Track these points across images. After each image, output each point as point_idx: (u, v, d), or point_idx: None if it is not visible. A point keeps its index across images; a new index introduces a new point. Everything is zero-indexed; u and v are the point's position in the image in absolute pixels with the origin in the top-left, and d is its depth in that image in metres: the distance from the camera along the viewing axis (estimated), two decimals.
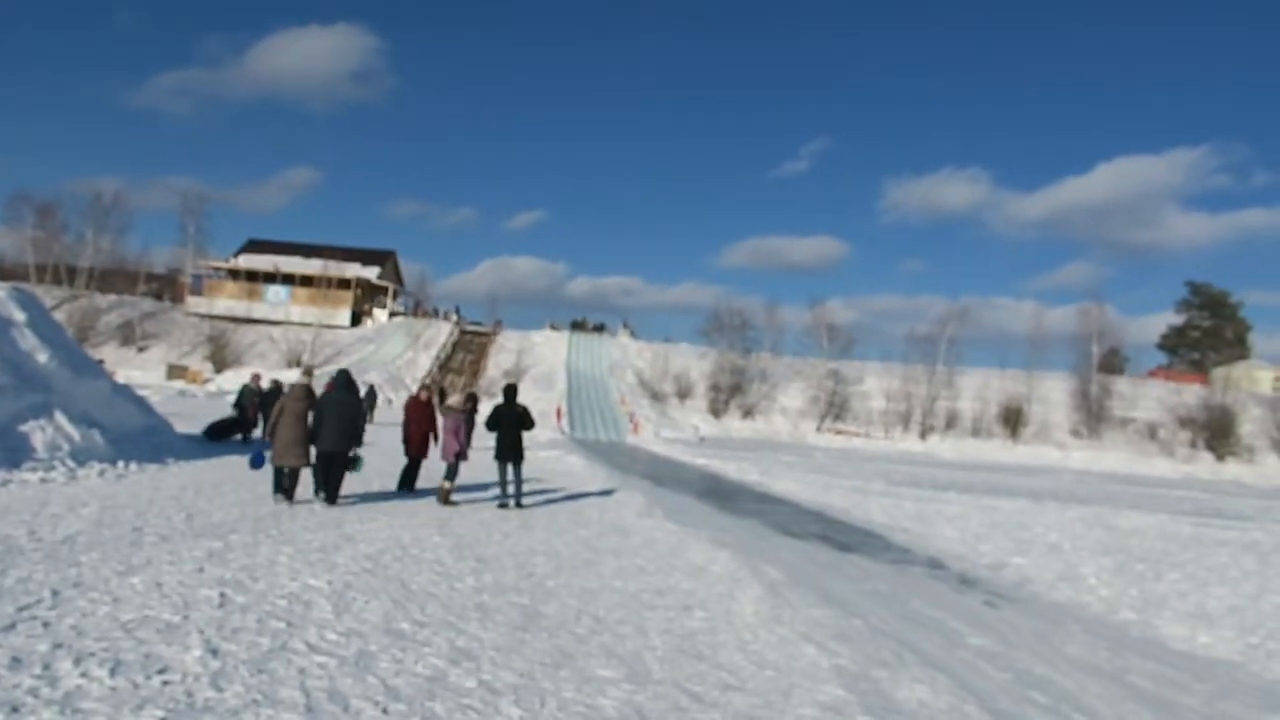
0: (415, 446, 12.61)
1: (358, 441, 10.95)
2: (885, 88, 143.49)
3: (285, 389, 11.96)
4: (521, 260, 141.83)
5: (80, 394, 13.16)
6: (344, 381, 11.17)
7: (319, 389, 11.34)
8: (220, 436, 17.78)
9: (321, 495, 10.72)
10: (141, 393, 18.96)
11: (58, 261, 55.72)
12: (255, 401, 18.58)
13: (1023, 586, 9.92)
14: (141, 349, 52.29)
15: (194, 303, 56.95)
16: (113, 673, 4.25)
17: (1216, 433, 48.27)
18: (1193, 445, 48.54)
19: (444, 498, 11.73)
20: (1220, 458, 47.54)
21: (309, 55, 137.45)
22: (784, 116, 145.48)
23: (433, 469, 12.68)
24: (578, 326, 61.02)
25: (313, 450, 10.66)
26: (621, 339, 60.38)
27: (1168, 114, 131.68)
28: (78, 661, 4.36)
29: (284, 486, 10.52)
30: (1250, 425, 48.29)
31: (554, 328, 61.88)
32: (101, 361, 22.81)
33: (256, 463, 11.46)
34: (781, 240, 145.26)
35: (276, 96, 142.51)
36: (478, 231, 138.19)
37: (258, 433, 17.40)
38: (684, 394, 52.23)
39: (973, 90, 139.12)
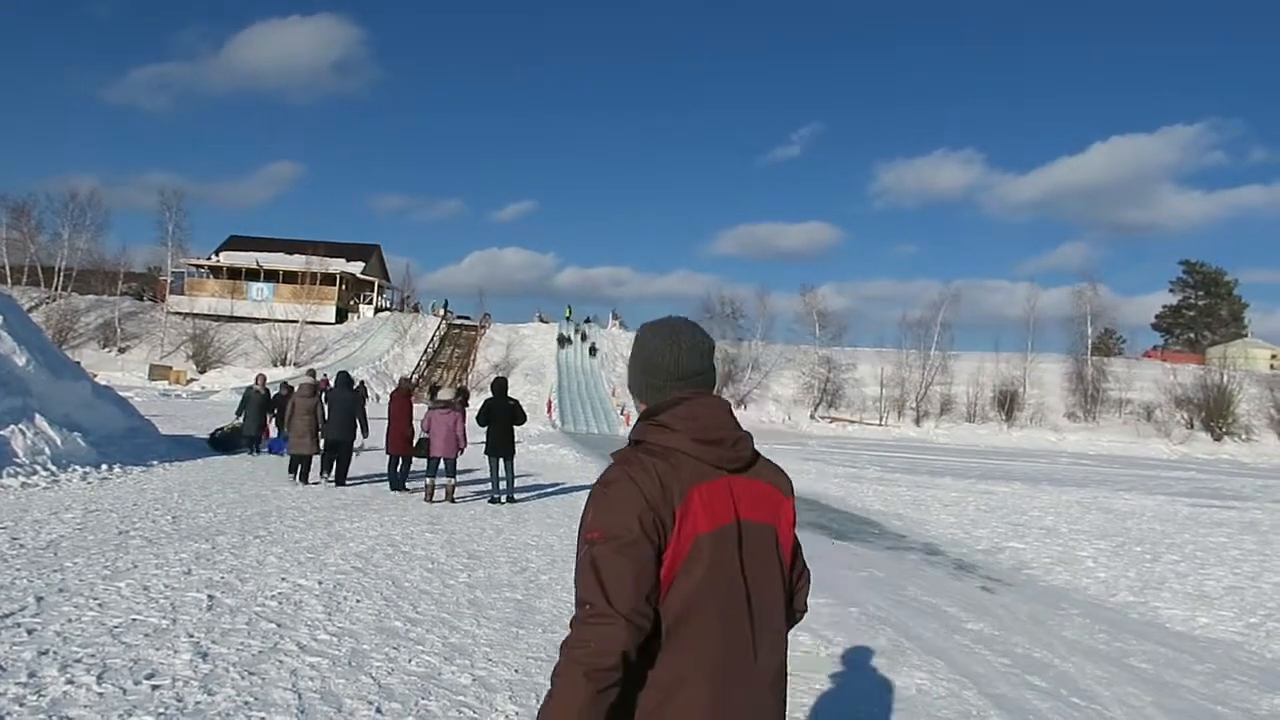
0: (399, 445, 12.37)
1: (364, 431, 13.13)
2: (878, 70, 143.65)
3: (297, 388, 13.69)
4: (510, 252, 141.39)
5: (60, 397, 13.00)
6: (344, 380, 13.28)
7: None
8: (226, 447, 16.01)
9: (329, 477, 12.62)
10: (123, 394, 18.75)
11: (33, 262, 55.07)
12: (271, 414, 16.37)
13: (1020, 570, 9.91)
14: (122, 350, 51.78)
15: (175, 301, 56.25)
16: (100, 679, 4.16)
17: (1213, 412, 48.21)
18: (1189, 425, 48.58)
19: (449, 494, 11.66)
20: (1217, 437, 47.57)
21: (290, 47, 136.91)
22: (775, 102, 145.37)
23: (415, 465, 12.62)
24: (564, 342, 54.64)
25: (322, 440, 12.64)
26: (612, 330, 60.15)
27: (1164, 91, 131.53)
28: (64, 668, 4.26)
29: (298, 470, 12.45)
30: (1247, 404, 48.19)
31: (542, 319, 61.68)
32: (77, 363, 22.29)
33: (275, 448, 14.06)
34: (773, 227, 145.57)
35: (257, 90, 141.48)
36: (465, 224, 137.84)
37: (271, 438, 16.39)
38: None
39: (966, 71, 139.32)
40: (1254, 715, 5.28)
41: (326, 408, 12.81)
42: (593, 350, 53.31)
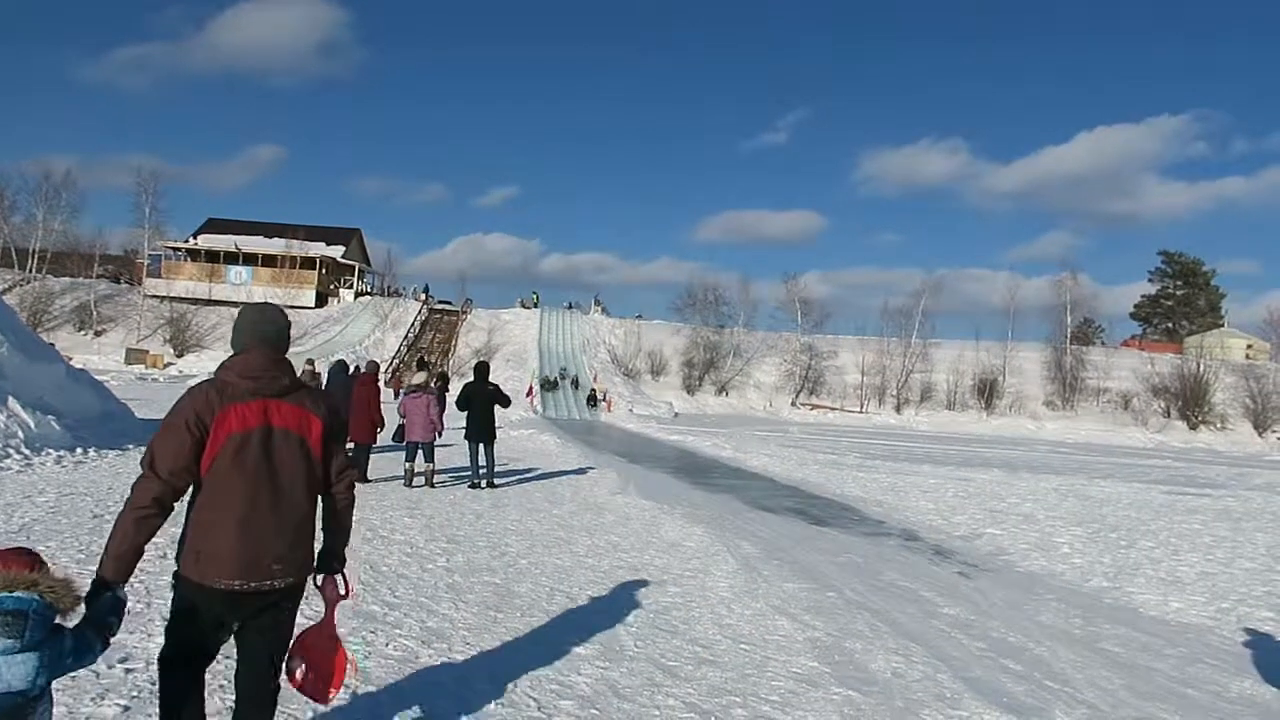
0: (362, 433, 11.71)
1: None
2: (864, 58, 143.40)
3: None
4: (493, 238, 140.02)
5: (34, 379, 12.81)
6: (341, 367, 13.96)
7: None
8: None
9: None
10: (99, 378, 18.51)
11: (7, 244, 54.12)
12: None
13: (997, 556, 10.00)
14: (98, 333, 51.03)
15: (152, 284, 55.44)
16: None
17: (1189, 401, 48.55)
18: (1166, 414, 48.94)
19: (429, 479, 11.56)
20: (1193, 426, 47.92)
21: (273, 28, 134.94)
22: (762, 89, 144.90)
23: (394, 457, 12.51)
24: (550, 385, 45.60)
25: None
26: (594, 316, 60.03)
27: (1152, 81, 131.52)
28: None
29: None
30: (1223, 393, 48.52)
31: (524, 305, 61.44)
32: (52, 346, 21.89)
33: None
34: (757, 214, 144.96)
35: (239, 71, 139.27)
36: (448, 209, 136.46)
37: None
38: (657, 371, 52.17)
39: (953, 60, 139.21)
40: (1223, 698, 5.36)
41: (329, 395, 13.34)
42: (591, 399, 43.59)
